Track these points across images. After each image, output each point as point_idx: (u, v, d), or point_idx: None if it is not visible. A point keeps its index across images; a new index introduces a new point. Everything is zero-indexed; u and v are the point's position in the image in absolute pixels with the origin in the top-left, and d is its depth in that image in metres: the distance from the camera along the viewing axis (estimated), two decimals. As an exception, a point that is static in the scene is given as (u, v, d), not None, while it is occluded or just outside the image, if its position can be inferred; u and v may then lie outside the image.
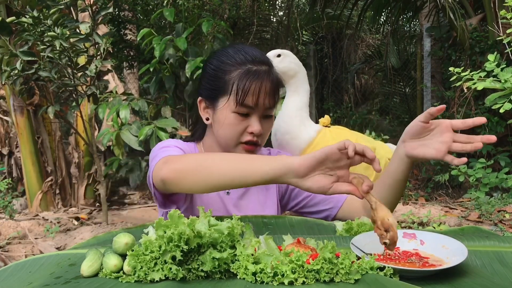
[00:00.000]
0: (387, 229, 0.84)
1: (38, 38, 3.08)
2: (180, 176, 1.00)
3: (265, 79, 1.15)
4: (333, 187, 0.90)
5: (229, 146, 1.20)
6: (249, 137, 1.17)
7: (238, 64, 1.17)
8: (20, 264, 0.92)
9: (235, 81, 1.15)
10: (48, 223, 3.91)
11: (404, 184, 1.15)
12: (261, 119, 1.17)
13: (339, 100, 7.51)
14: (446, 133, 1.02)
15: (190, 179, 0.99)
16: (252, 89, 1.13)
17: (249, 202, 1.28)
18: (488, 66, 1.68)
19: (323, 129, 1.56)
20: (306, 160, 0.89)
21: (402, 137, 1.10)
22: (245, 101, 1.14)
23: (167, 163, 1.03)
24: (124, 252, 0.82)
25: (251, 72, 1.15)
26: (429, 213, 3.36)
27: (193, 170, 0.99)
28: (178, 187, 1.02)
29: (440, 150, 1.01)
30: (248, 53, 1.19)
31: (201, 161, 1.01)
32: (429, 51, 5.22)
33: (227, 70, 1.17)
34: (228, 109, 1.16)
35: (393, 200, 1.16)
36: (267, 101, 1.15)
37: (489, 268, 0.84)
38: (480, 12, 4.75)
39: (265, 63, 1.18)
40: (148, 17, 4.18)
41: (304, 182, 0.90)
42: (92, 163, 4.55)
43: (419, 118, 1.05)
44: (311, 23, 7.18)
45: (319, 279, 0.75)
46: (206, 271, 0.79)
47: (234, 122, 1.16)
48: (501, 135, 4.28)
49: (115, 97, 3.39)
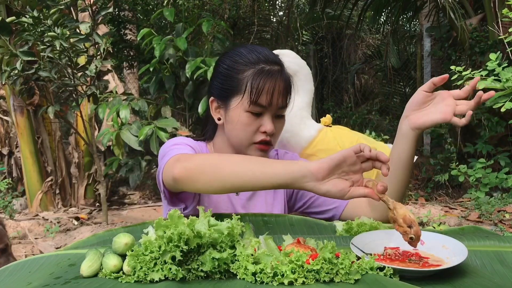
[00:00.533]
0: (410, 225, 0.85)
1: (38, 38, 3.08)
2: (193, 175, 0.98)
3: (278, 78, 1.15)
4: (351, 191, 0.89)
5: (242, 146, 1.19)
6: (262, 136, 1.16)
7: (251, 63, 1.16)
8: (20, 264, 0.92)
9: (249, 80, 1.14)
10: (48, 223, 3.91)
11: (410, 166, 1.14)
12: (274, 119, 1.17)
13: (339, 100, 7.51)
14: (448, 99, 1.05)
15: (203, 179, 0.97)
16: (266, 88, 1.13)
17: (257, 203, 1.27)
18: (490, 65, 1.68)
19: (324, 128, 1.56)
20: (324, 163, 0.87)
21: (404, 113, 1.11)
22: (259, 100, 1.14)
23: (179, 161, 1.01)
24: (124, 252, 0.82)
25: (264, 71, 1.15)
26: (429, 213, 3.36)
27: (207, 170, 0.97)
28: (189, 186, 1.01)
29: (447, 112, 1.03)
30: (261, 53, 1.19)
31: (215, 162, 0.99)
32: (429, 51, 5.22)
33: (240, 69, 1.17)
34: (241, 109, 1.16)
35: (402, 186, 1.15)
36: (280, 100, 1.15)
37: (489, 268, 0.84)
38: (480, 12, 4.75)
39: (277, 63, 1.19)
40: (148, 17, 4.18)
41: (322, 186, 0.88)
42: (92, 163, 4.56)
43: (422, 88, 1.08)
44: (311, 23, 7.18)
45: (319, 279, 0.75)
46: (206, 271, 0.78)
47: (247, 121, 1.16)
48: (501, 135, 4.28)
49: (115, 97, 3.39)
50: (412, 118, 1.09)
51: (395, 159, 1.13)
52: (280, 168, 0.91)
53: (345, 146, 1.51)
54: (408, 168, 1.14)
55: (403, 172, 1.14)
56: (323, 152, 1.48)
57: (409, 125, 1.10)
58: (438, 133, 4.59)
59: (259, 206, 1.27)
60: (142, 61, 4.20)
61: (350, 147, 0.88)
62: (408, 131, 1.10)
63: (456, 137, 4.43)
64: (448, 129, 4.46)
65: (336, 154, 0.88)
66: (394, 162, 1.13)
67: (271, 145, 1.19)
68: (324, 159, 0.89)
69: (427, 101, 1.08)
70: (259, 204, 1.28)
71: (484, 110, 4.25)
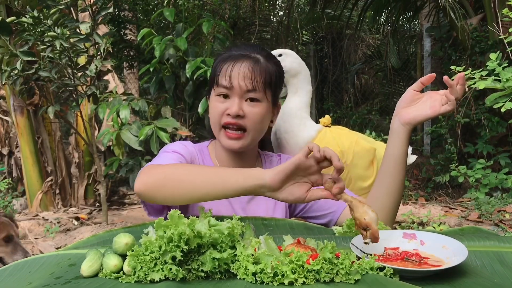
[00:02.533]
0: (365, 228, 0.85)
1: (38, 38, 3.08)
2: (152, 189, 1.01)
3: (242, 61, 1.16)
4: (309, 195, 0.92)
5: (216, 133, 1.22)
6: (227, 118, 1.16)
7: (225, 53, 1.21)
8: (20, 264, 0.92)
9: (216, 65, 1.20)
10: (48, 223, 3.91)
11: (404, 162, 1.16)
12: (244, 102, 1.17)
13: (339, 100, 7.50)
14: (436, 95, 1.11)
15: (163, 192, 1.00)
16: (226, 69, 1.16)
17: (258, 207, 1.27)
18: (490, 65, 1.67)
19: (324, 129, 1.56)
20: (277, 174, 0.91)
21: (395, 112, 1.17)
22: (220, 80, 1.17)
23: (141, 175, 1.04)
24: (124, 252, 0.82)
25: (228, 56, 1.19)
26: (429, 213, 3.36)
27: (167, 184, 1.00)
28: (152, 199, 1.04)
29: (436, 106, 1.10)
30: (242, 45, 1.23)
31: (177, 175, 1.01)
32: (429, 51, 5.22)
33: (218, 61, 1.22)
34: (213, 95, 1.21)
35: (397, 183, 1.17)
36: (246, 82, 1.15)
37: (489, 268, 0.84)
38: (480, 12, 4.75)
39: (252, 52, 1.20)
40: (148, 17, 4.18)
41: (279, 195, 0.93)
42: (92, 163, 4.55)
43: (411, 87, 1.15)
44: (311, 23, 7.18)
45: (319, 279, 0.75)
46: (206, 271, 0.78)
47: (216, 104, 1.19)
48: (501, 135, 4.28)
49: (115, 97, 3.38)
50: (402, 114, 1.14)
51: (388, 156, 1.17)
52: (239, 180, 0.95)
53: (344, 147, 1.51)
54: (401, 164, 1.16)
55: (397, 168, 1.16)
56: (322, 153, 1.48)
57: (400, 121, 1.14)
58: (438, 133, 4.59)
59: (261, 210, 1.27)
60: (142, 61, 4.20)
61: (301, 151, 0.90)
62: (399, 127, 1.14)
63: (456, 137, 4.43)
64: (448, 129, 4.46)
65: (288, 163, 0.91)
66: (388, 159, 1.17)
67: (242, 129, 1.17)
68: (278, 168, 0.91)
69: (416, 99, 1.14)
70: (260, 207, 1.27)
71: (484, 110, 4.25)
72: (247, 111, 1.16)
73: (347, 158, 1.50)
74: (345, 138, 1.54)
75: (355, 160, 1.51)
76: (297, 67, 1.51)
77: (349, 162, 1.50)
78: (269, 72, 1.19)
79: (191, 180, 0.99)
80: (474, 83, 1.63)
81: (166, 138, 2.89)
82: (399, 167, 1.16)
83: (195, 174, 1.00)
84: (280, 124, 1.52)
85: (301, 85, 1.52)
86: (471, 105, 4.32)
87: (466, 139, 4.55)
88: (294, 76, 1.51)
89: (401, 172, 1.17)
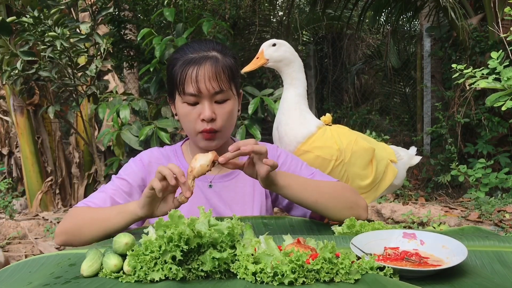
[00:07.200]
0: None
1: (38, 38, 3.08)
2: (68, 240, 1.16)
3: (204, 63, 1.15)
4: (171, 208, 1.04)
5: (192, 137, 1.24)
6: (203, 125, 1.18)
7: (181, 56, 1.20)
8: (20, 264, 0.92)
9: (177, 72, 1.18)
10: (48, 223, 3.91)
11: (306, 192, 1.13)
12: (214, 104, 1.18)
13: (339, 100, 7.50)
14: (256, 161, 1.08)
15: (73, 239, 1.14)
16: (189, 76, 1.15)
17: (236, 194, 1.27)
18: (491, 64, 1.67)
19: (324, 126, 1.56)
20: (143, 206, 1.04)
21: None
22: (186, 89, 1.16)
23: (58, 229, 1.19)
24: (124, 252, 0.82)
25: (188, 60, 1.17)
26: (429, 213, 3.35)
27: (72, 233, 1.14)
28: (74, 245, 1.16)
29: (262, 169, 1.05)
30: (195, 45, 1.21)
31: (78, 226, 1.14)
32: (429, 51, 5.21)
33: (174, 64, 1.20)
34: (180, 101, 1.20)
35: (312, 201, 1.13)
36: (212, 85, 1.15)
37: (489, 268, 0.84)
38: (480, 12, 4.75)
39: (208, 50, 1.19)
40: (148, 17, 4.18)
41: (156, 217, 1.05)
42: (92, 163, 4.55)
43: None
44: (311, 23, 7.18)
45: (319, 279, 0.75)
46: (206, 271, 0.78)
47: (186, 112, 1.19)
48: (501, 135, 4.28)
49: (115, 97, 3.38)
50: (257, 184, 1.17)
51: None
52: (119, 220, 1.09)
53: (342, 145, 1.51)
54: (302, 195, 1.11)
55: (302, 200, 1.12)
56: (320, 150, 1.48)
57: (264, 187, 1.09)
58: (438, 133, 4.59)
59: (239, 196, 1.27)
60: (142, 61, 4.19)
61: (151, 181, 0.99)
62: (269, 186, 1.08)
63: (456, 137, 4.43)
64: (448, 129, 4.46)
65: (145, 191, 1.02)
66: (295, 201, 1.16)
67: (217, 131, 1.19)
68: (142, 200, 1.04)
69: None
70: (238, 194, 1.27)
71: (484, 110, 4.25)
72: (218, 113, 1.18)
73: (345, 156, 1.50)
74: (344, 137, 1.55)
75: (353, 159, 1.51)
76: (291, 56, 1.52)
77: (346, 160, 1.50)
78: (229, 66, 1.19)
79: (87, 228, 1.13)
80: (474, 82, 1.63)
81: (166, 138, 2.89)
82: (302, 197, 1.12)
83: (89, 222, 1.13)
84: (281, 118, 1.54)
85: (296, 75, 1.53)
86: (471, 105, 4.32)
87: (466, 139, 4.55)
88: (288, 65, 1.52)
89: (308, 197, 1.12)
